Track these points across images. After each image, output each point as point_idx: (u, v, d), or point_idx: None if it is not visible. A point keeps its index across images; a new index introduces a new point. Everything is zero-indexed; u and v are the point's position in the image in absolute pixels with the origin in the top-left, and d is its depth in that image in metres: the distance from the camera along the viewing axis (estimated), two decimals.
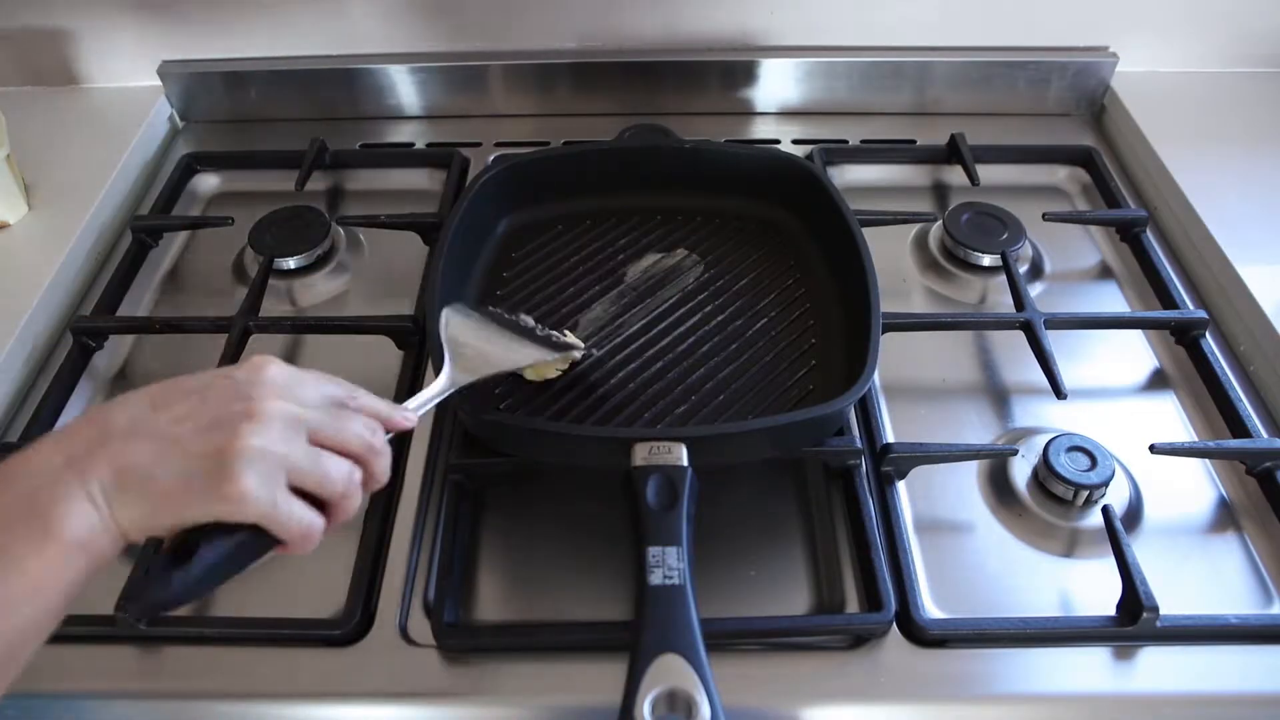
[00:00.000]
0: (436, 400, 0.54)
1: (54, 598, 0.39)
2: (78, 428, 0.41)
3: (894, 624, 0.58)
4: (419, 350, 0.75)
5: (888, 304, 0.67)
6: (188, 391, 0.43)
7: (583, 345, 0.68)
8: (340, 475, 0.44)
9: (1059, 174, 0.94)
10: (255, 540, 0.42)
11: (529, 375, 0.67)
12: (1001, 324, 0.75)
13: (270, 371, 0.44)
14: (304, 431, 0.43)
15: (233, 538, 0.41)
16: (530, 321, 0.67)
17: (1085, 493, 0.63)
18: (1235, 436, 0.68)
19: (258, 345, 0.74)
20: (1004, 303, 0.78)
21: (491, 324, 0.63)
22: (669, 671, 0.45)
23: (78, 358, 0.75)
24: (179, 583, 0.40)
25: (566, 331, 0.69)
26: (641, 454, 0.55)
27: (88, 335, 0.76)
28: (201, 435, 0.41)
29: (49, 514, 0.38)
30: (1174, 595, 0.57)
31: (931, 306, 0.80)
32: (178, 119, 1.02)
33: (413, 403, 0.52)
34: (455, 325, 0.60)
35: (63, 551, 0.38)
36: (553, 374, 0.67)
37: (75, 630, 0.56)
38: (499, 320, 0.64)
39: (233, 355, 0.71)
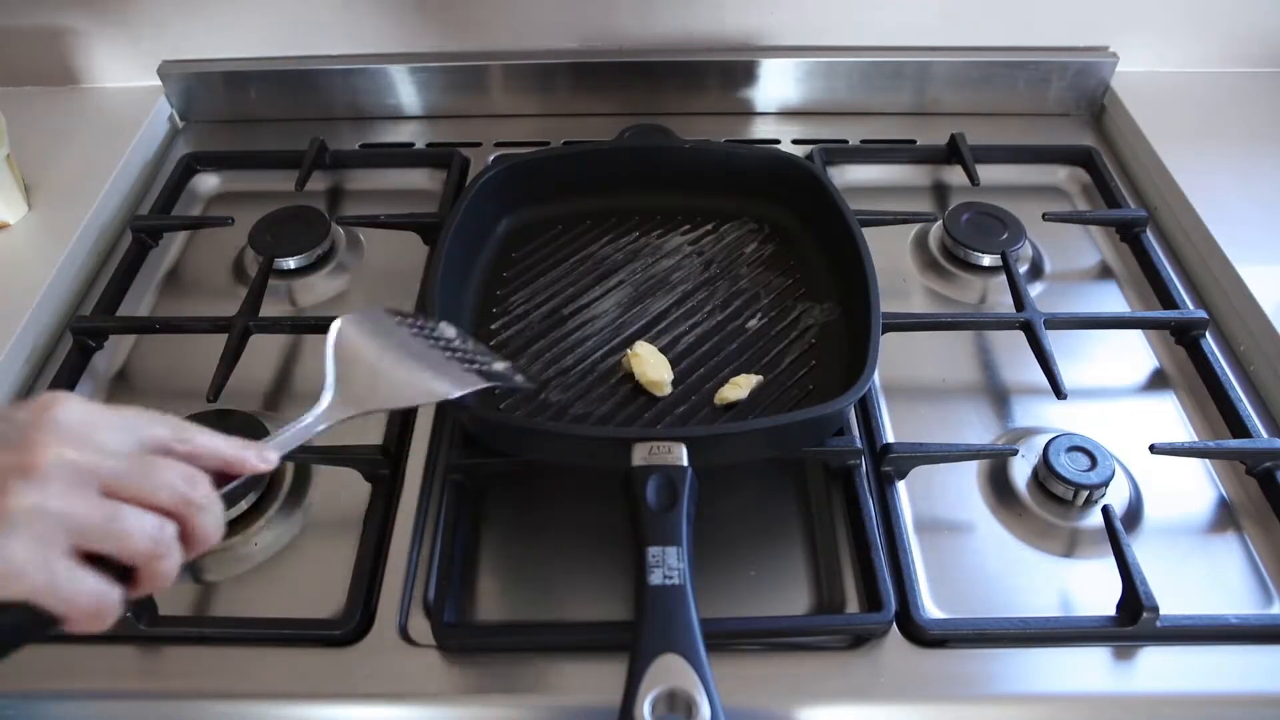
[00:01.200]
0: (307, 436, 0.45)
1: None
2: None
3: (894, 624, 0.58)
4: None
5: (888, 304, 0.67)
6: None
7: (516, 379, 0.56)
8: (144, 533, 0.37)
9: (1059, 174, 0.94)
10: (31, 619, 0.34)
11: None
12: (1001, 324, 0.75)
13: (58, 412, 0.37)
14: (95, 484, 0.36)
15: (2, 617, 0.34)
16: (463, 343, 0.56)
17: (1085, 493, 0.63)
18: (1235, 436, 0.68)
19: (258, 345, 0.74)
20: (1004, 303, 0.78)
21: (398, 348, 0.50)
22: (669, 671, 0.45)
23: (78, 358, 0.75)
24: None
25: (501, 363, 0.57)
26: (641, 454, 0.55)
27: (88, 335, 0.75)
28: None
29: None
30: (1174, 595, 0.57)
31: (931, 306, 0.80)
32: (178, 119, 1.02)
33: (276, 438, 0.44)
34: (352, 342, 0.48)
35: None
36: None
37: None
38: (408, 343, 0.51)
39: (232, 355, 0.71)
